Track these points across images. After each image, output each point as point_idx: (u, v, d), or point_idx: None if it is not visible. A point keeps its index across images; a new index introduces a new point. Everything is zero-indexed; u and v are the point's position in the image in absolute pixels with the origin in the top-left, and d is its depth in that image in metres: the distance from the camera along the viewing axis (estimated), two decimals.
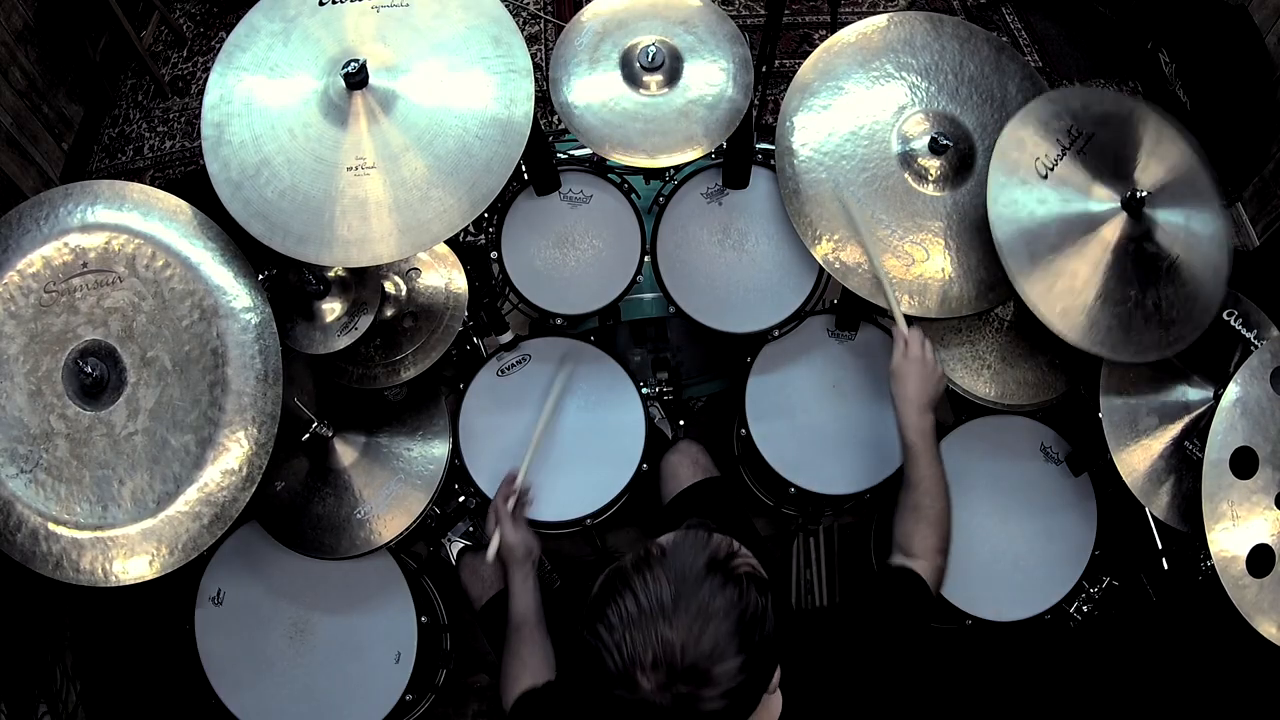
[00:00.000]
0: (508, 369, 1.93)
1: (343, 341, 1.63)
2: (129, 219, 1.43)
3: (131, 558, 1.36)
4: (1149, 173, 1.55)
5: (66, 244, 1.41)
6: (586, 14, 1.68)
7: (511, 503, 1.65)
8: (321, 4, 1.46)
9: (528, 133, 1.40)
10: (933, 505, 1.44)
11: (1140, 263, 1.51)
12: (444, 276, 1.82)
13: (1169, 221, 1.55)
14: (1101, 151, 1.55)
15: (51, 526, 1.36)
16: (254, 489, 1.38)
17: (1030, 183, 1.51)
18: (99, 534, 1.36)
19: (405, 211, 1.38)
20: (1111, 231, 1.50)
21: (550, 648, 1.51)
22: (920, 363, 1.52)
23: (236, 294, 1.42)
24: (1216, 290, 1.55)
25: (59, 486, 1.36)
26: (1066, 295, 1.47)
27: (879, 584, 1.42)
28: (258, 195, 1.38)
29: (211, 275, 1.42)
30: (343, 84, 1.38)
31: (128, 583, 1.36)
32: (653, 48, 1.60)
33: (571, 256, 1.84)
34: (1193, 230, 1.56)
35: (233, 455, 1.38)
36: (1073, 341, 1.46)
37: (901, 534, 1.43)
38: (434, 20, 1.45)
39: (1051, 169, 1.51)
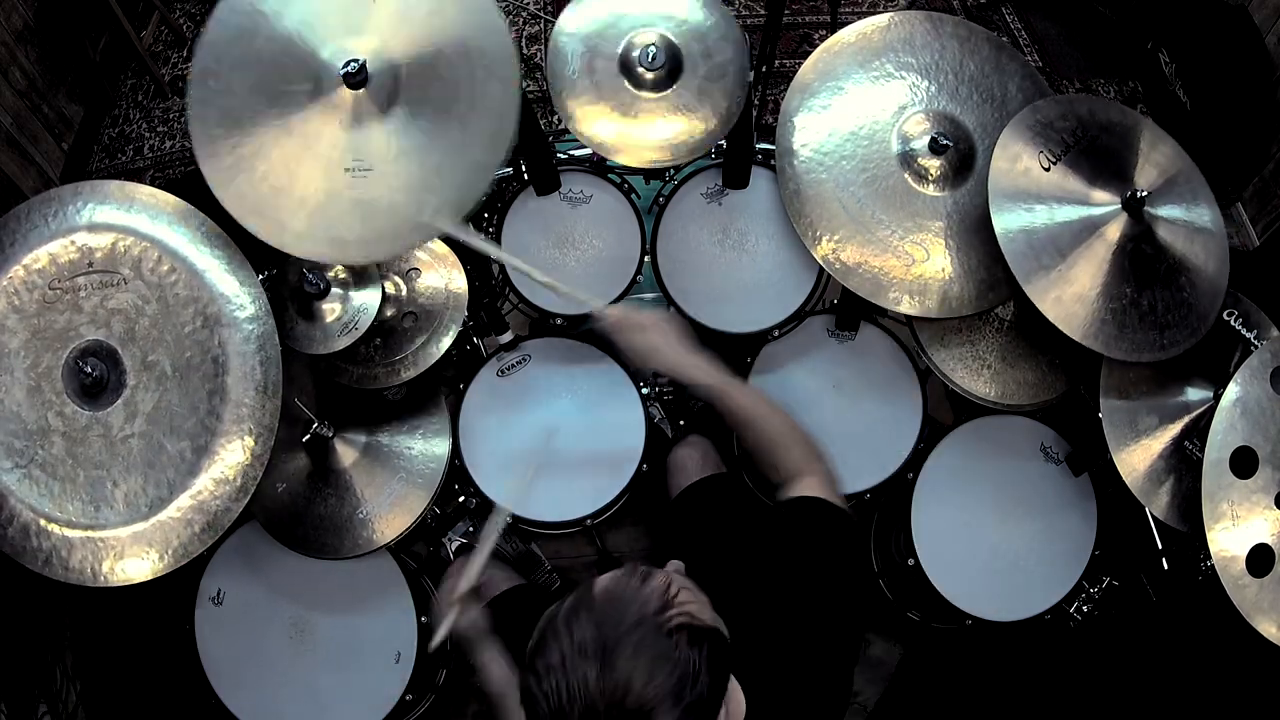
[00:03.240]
0: (508, 369, 1.93)
1: (343, 341, 1.63)
2: (137, 221, 1.43)
3: (121, 560, 1.36)
4: (1146, 175, 1.56)
5: (74, 242, 1.41)
6: (560, 35, 1.67)
7: (466, 587, 1.46)
8: None
9: (514, 127, 1.39)
10: (776, 426, 1.30)
11: (1138, 263, 1.52)
12: (444, 276, 1.82)
13: (1169, 223, 1.55)
14: (1101, 154, 1.55)
15: (43, 523, 1.36)
16: (247, 500, 1.38)
17: (1032, 184, 1.51)
18: (89, 534, 1.36)
19: (403, 211, 1.38)
20: (1113, 232, 1.51)
21: None
22: (639, 326, 1.36)
23: (241, 304, 1.42)
24: (1214, 301, 1.56)
25: (53, 484, 1.36)
26: (1070, 293, 1.48)
27: (784, 522, 1.24)
28: (256, 195, 1.38)
29: (217, 283, 1.42)
30: (342, 84, 1.38)
31: (115, 584, 1.36)
32: (652, 48, 1.61)
33: (571, 256, 1.84)
34: (1193, 235, 1.57)
35: (228, 465, 1.38)
36: (1069, 333, 1.47)
37: (771, 468, 1.30)
38: (430, 18, 1.45)
39: (1055, 163, 1.52)
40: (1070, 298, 1.48)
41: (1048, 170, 1.53)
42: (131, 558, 1.36)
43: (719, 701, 0.94)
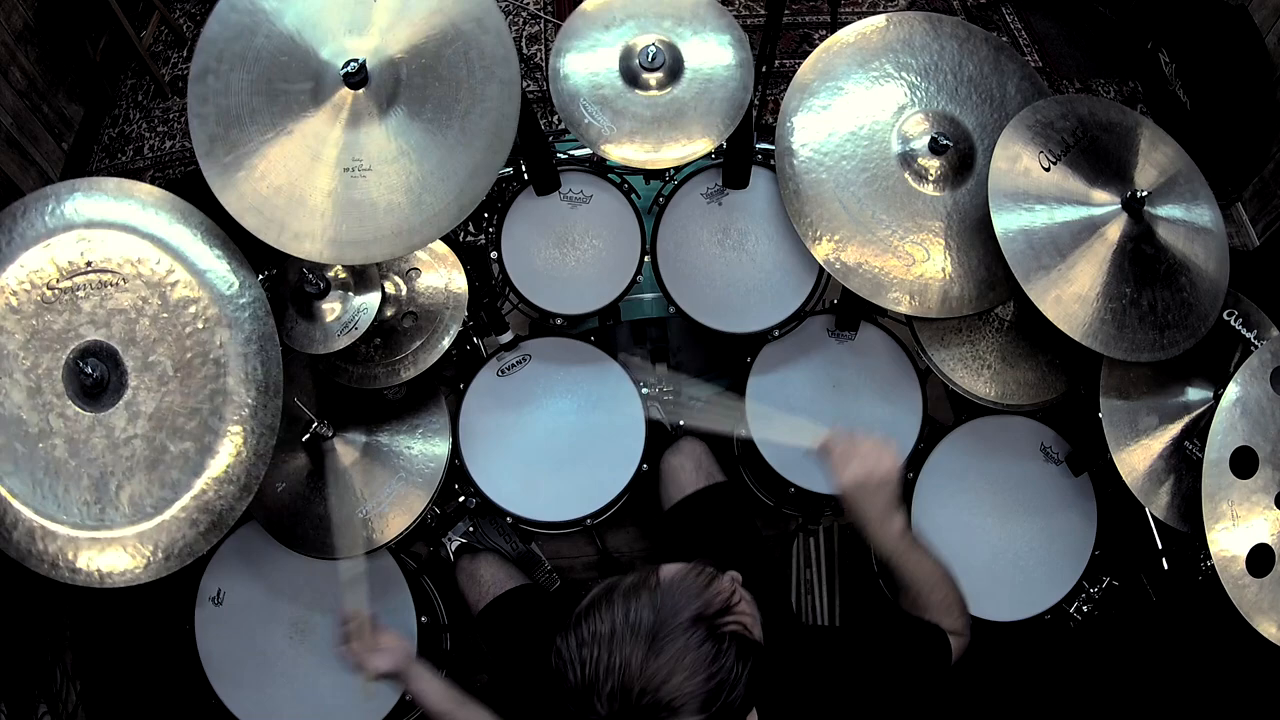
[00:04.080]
0: (508, 369, 1.93)
1: (343, 341, 1.63)
2: (137, 220, 1.42)
3: (126, 561, 1.36)
4: (1146, 175, 1.56)
5: (73, 241, 1.40)
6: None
7: (361, 636, 1.50)
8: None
9: (515, 127, 1.40)
10: (938, 594, 1.32)
11: (1138, 263, 1.52)
12: (444, 276, 1.82)
13: (1169, 224, 1.55)
14: (1101, 154, 1.55)
15: (48, 525, 1.36)
16: (251, 498, 1.37)
17: (1032, 184, 1.51)
18: (95, 535, 1.36)
19: (402, 210, 1.38)
20: (1113, 232, 1.51)
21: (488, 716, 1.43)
22: (859, 458, 1.35)
23: (242, 304, 1.42)
24: (1214, 301, 1.56)
25: (56, 486, 1.36)
26: (1070, 293, 1.49)
27: (902, 629, 1.32)
28: (254, 194, 1.38)
29: (217, 283, 1.42)
30: (342, 84, 1.39)
31: (121, 585, 1.36)
32: (653, 47, 1.61)
33: (571, 256, 1.84)
34: (1193, 235, 1.57)
35: (230, 465, 1.37)
36: (1068, 332, 1.47)
37: (911, 605, 1.35)
38: (431, 17, 1.45)
39: (1055, 163, 1.52)
40: (1070, 298, 1.48)
41: (1048, 170, 1.53)
42: (137, 558, 1.36)
43: (741, 716, 0.94)
